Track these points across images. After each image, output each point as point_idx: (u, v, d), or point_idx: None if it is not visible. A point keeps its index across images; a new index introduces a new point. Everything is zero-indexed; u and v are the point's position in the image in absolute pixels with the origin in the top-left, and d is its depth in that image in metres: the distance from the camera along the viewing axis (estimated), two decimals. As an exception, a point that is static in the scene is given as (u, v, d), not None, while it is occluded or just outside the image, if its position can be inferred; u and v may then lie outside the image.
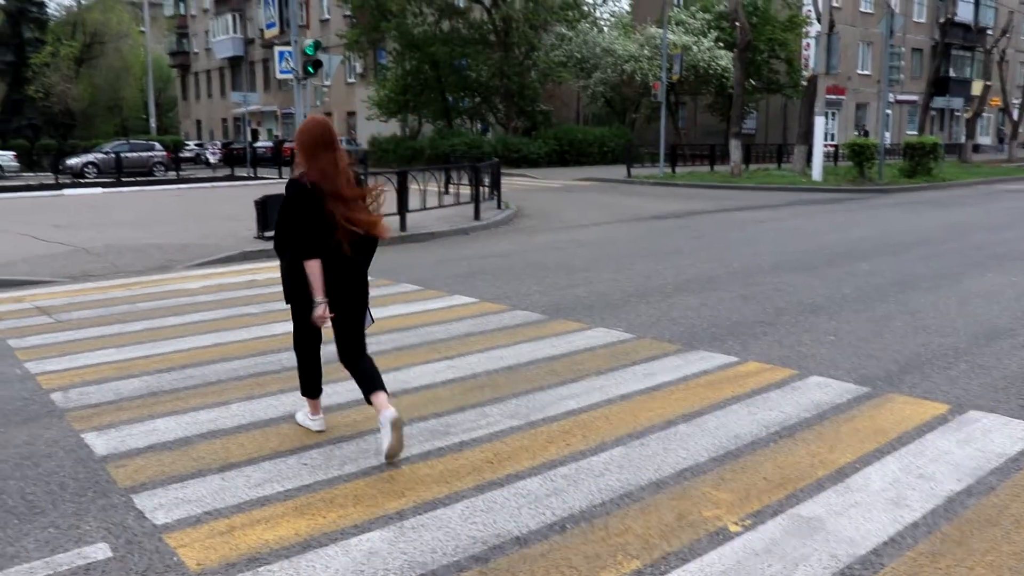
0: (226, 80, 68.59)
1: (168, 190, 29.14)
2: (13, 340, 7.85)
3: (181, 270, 11.89)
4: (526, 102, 41.16)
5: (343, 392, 6.04)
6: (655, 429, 5.23)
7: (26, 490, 4.52)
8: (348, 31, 42.50)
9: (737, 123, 30.91)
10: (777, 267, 11.19)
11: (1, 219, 18.40)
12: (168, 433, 5.30)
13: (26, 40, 49.94)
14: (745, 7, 35.47)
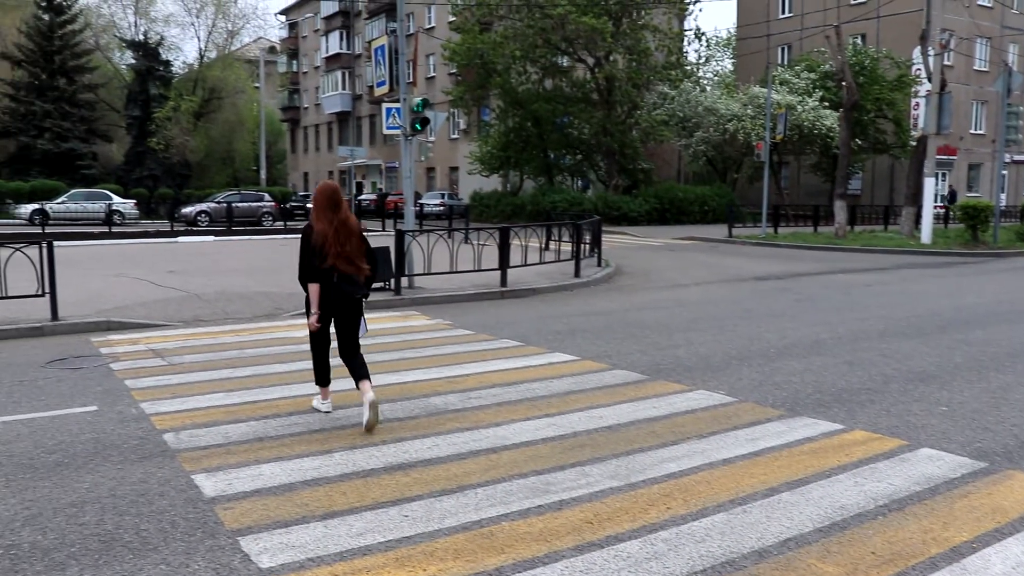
0: (333, 134, 70.87)
1: (275, 239, 30.08)
2: (130, 380, 8.19)
3: (287, 318, 12.23)
4: (627, 160, 41.27)
5: (443, 446, 6.11)
6: (757, 496, 5.12)
7: (140, 526, 4.69)
8: (453, 88, 43.50)
9: (842, 183, 30.35)
10: (884, 333, 10.87)
11: (120, 264, 19.28)
12: (273, 478, 5.43)
13: (152, 96, 52.65)
14: (852, 67, 34.98)
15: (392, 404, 7.26)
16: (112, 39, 56.30)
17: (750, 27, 50.98)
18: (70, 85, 49.80)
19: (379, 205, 43.51)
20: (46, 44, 49.08)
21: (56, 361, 9.22)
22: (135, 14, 55.56)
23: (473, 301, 14.12)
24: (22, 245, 11.79)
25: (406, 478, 5.44)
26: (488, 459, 5.82)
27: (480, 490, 5.21)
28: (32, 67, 49.09)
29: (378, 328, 11.37)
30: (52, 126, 47.89)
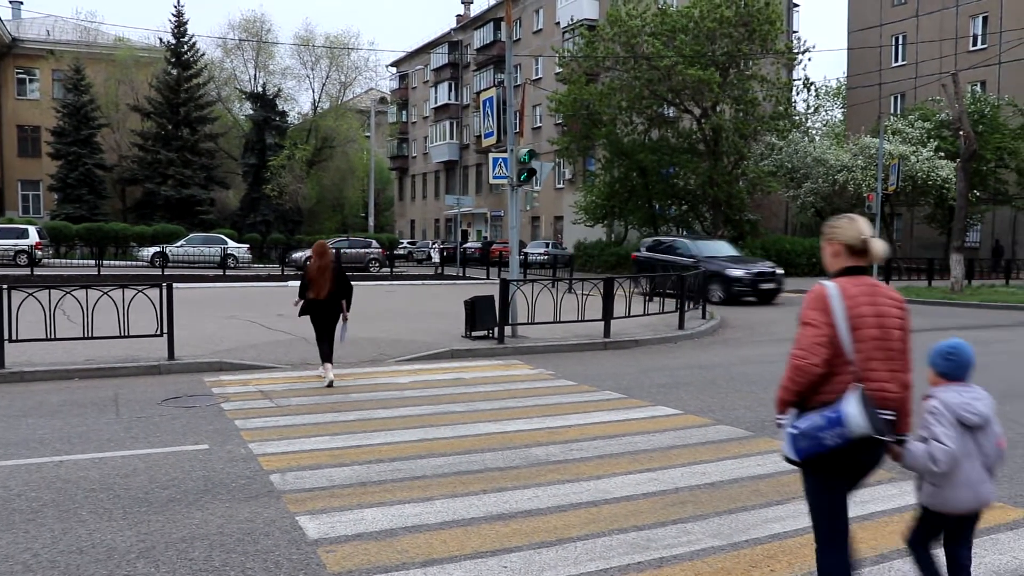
0: (440, 182, 72.24)
1: (381, 285, 30.67)
2: (239, 421, 8.45)
3: (392, 364, 12.43)
4: (733, 211, 40.75)
5: (544, 497, 6.09)
6: (866, 563, 4.92)
7: (246, 564, 4.80)
8: (559, 139, 43.89)
9: (959, 236, 29.28)
10: (1007, 394, 10.35)
11: (233, 307, 19.97)
12: (375, 523, 5.50)
13: (267, 145, 54.73)
14: (970, 115, 33.93)
15: (493, 453, 7.28)
16: (233, 91, 58.95)
17: (861, 76, 50.08)
18: (192, 135, 52.22)
19: (484, 253, 44.01)
20: (173, 97, 51.67)
21: (171, 399, 9.58)
22: (255, 67, 58.12)
23: (575, 351, 14.09)
24: (144, 287, 12.37)
25: (506, 528, 5.43)
26: (588, 512, 5.77)
27: (580, 543, 5.17)
28: (159, 118, 51.71)
29: (480, 376, 11.46)
30: (175, 173, 50.22)
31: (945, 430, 3.88)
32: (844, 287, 3.81)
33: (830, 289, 3.80)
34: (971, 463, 3.89)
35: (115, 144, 52.01)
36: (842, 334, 3.69)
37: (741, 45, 36.79)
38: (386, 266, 40.96)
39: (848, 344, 3.69)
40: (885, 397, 3.76)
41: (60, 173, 50.18)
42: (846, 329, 3.69)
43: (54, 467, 6.72)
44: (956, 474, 3.87)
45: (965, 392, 4.01)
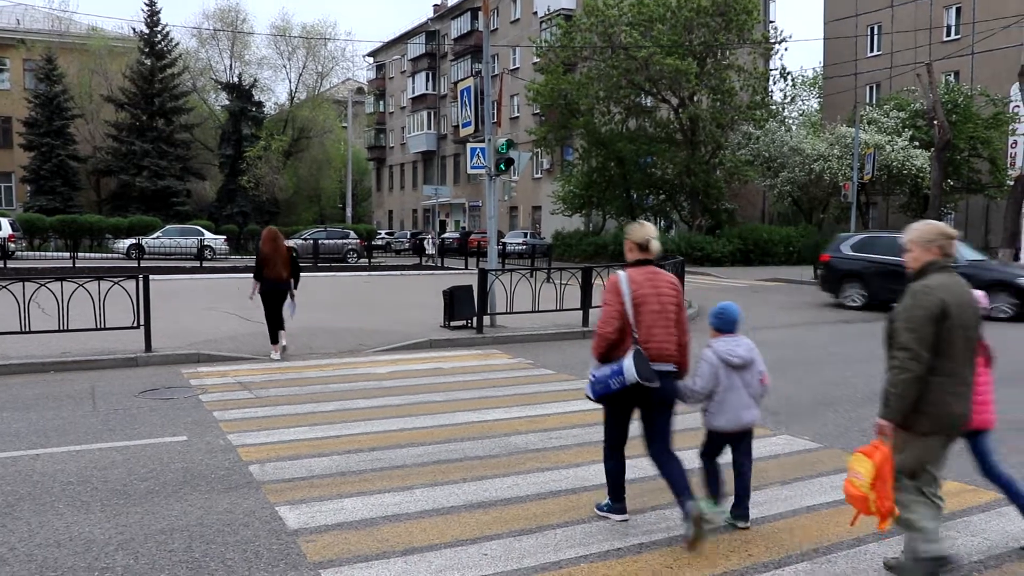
0: (418, 173, 72.05)
1: (360, 276, 30.60)
2: (218, 412, 8.42)
3: (371, 354, 12.42)
4: (711, 200, 40.93)
5: (523, 485, 6.11)
6: (843, 546, 4.99)
7: (226, 555, 4.80)
8: (537, 128, 43.89)
9: (934, 225, 29.55)
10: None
11: (211, 298, 19.85)
12: (355, 513, 5.51)
13: (244, 136, 54.29)
14: (944, 104, 34.20)
15: (473, 442, 7.30)
16: (208, 81, 58.37)
17: (837, 66, 50.33)
18: (168, 125, 51.74)
19: (462, 243, 43.97)
20: (147, 87, 51.14)
21: (149, 391, 9.53)
22: (230, 57, 57.57)
23: (555, 341, 14.12)
24: (120, 279, 12.27)
25: (486, 516, 5.46)
26: (568, 500, 5.81)
27: (560, 530, 5.20)
28: (134, 109, 51.15)
29: (459, 366, 11.48)
30: (150, 164, 49.74)
31: (706, 370, 5.27)
32: (631, 275, 5.13)
33: (621, 277, 5.11)
34: (735, 394, 5.25)
35: (89, 135, 51.43)
36: (628, 309, 5.01)
37: (718, 35, 36.92)
38: (364, 257, 40.83)
39: (632, 317, 5.01)
40: (665, 354, 5.11)
41: (33, 164, 49.58)
42: (630, 306, 5.01)
43: (30, 460, 6.68)
44: (723, 402, 5.25)
45: (731, 341, 5.37)
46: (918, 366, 4.12)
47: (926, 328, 4.14)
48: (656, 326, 5.07)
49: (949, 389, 4.23)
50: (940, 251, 4.34)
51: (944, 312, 4.16)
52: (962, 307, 4.23)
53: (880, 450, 4.22)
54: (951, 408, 4.24)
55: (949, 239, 4.37)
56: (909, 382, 4.13)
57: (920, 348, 4.13)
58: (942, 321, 4.16)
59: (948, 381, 4.22)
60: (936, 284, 4.22)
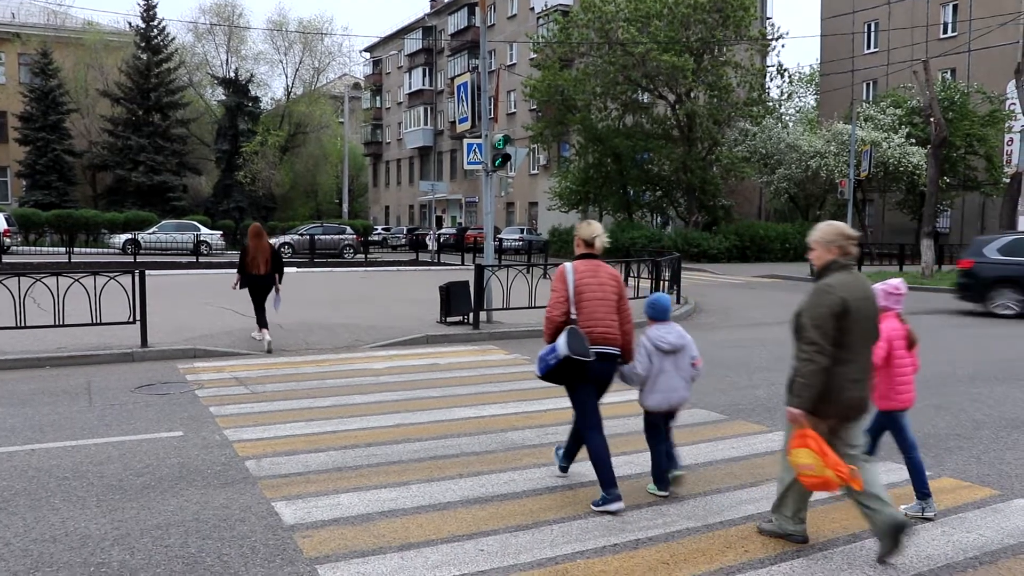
0: (415, 168, 71.95)
1: (356, 272, 30.56)
2: (214, 407, 8.41)
3: (367, 350, 12.41)
4: (707, 197, 40.95)
5: (519, 481, 6.10)
6: (839, 542, 5.00)
7: (222, 551, 4.80)
8: (534, 124, 43.85)
9: (929, 222, 29.55)
10: (975, 376, 10.51)
11: (207, 293, 19.80)
12: (351, 508, 5.50)
13: (240, 131, 54.20)
14: (941, 102, 34.21)
15: (469, 438, 7.30)
16: (204, 76, 58.27)
17: (834, 63, 50.35)
18: (164, 120, 51.65)
19: (459, 239, 43.92)
20: (143, 82, 51.04)
21: (145, 387, 9.52)
22: (227, 52, 57.48)
23: (550, 336, 14.09)
24: (116, 274, 12.25)
25: (482, 512, 5.46)
26: (564, 495, 5.81)
27: (556, 526, 5.20)
28: (130, 104, 51.06)
29: (456, 362, 11.47)
30: (146, 159, 49.67)
31: (641, 357, 5.80)
32: (576, 266, 5.74)
33: (567, 267, 5.75)
34: (667, 376, 5.80)
35: (85, 130, 51.32)
36: (571, 296, 5.60)
37: (715, 31, 36.90)
38: (360, 252, 40.79)
39: (574, 302, 5.59)
40: (608, 337, 5.61)
41: (28, 159, 49.47)
42: (573, 293, 5.60)
43: (25, 456, 6.66)
44: (656, 383, 5.81)
45: (662, 328, 5.88)
46: (823, 358, 4.55)
47: (828, 324, 4.57)
48: (597, 312, 5.62)
49: (849, 377, 4.66)
50: (840, 251, 4.75)
51: (845, 309, 4.57)
52: (860, 304, 4.64)
53: (806, 434, 4.59)
54: (851, 395, 4.68)
55: (849, 239, 4.76)
56: (815, 373, 4.56)
57: (824, 342, 4.56)
58: (843, 318, 4.58)
59: (848, 370, 4.65)
60: (837, 283, 4.65)
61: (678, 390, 5.82)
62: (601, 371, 5.60)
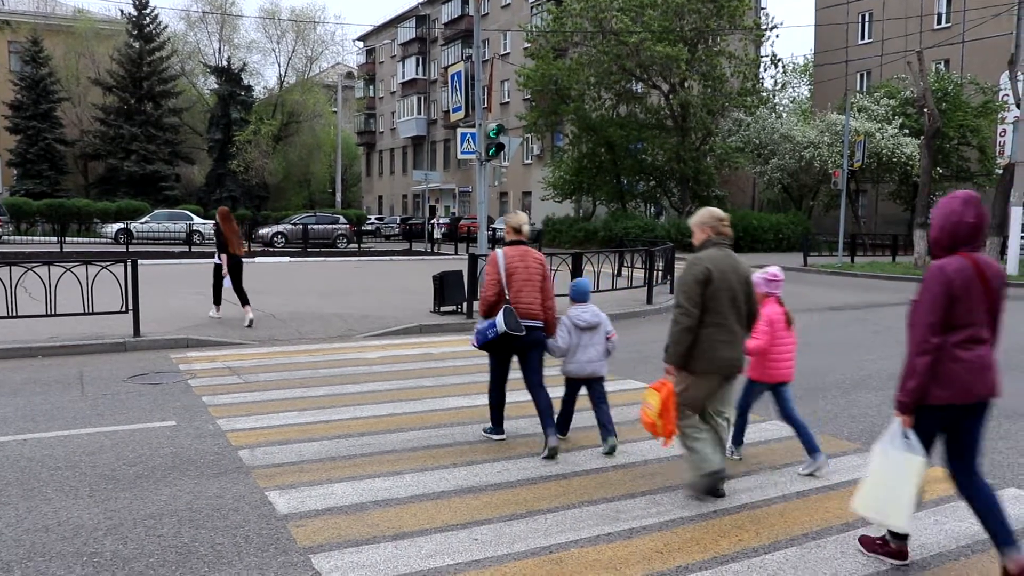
0: (408, 158, 71.82)
1: (349, 261, 30.53)
2: (207, 397, 8.39)
3: (360, 340, 12.39)
4: (701, 187, 40.91)
5: (513, 470, 6.10)
6: (832, 531, 5.01)
7: (216, 540, 4.79)
8: (527, 114, 43.78)
9: (923, 212, 29.62)
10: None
11: (199, 283, 19.73)
12: (345, 498, 5.50)
13: (233, 120, 54.04)
14: (934, 93, 34.23)
15: (463, 427, 7.30)
16: (197, 65, 58.02)
17: (828, 53, 50.33)
18: (156, 109, 51.47)
19: (452, 229, 43.85)
20: (135, 70, 50.83)
21: (137, 376, 9.49)
22: (219, 41, 57.25)
23: (544, 326, 14.09)
24: (108, 263, 12.21)
25: (476, 501, 5.46)
26: (558, 484, 5.81)
27: (550, 515, 5.20)
28: (122, 92, 50.84)
29: (449, 351, 11.46)
30: (138, 149, 49.49)
31: (562, 332, 6.68)
32: (506, 251, 6.65)
33: (498, 253, 6.64)
34: (584, 350, 6.66)
35: (76, 119, 51.09)
36: (502, 278, 6.52)
37: (709, 21, 36.83)
38: (354, 242, 40.75)
39: (505, 283, 6.52)
40: (532, 311, 6.54)
41: (19, 148, 49.23)
42: (504, 275, 6.52)
43: (18, 445, 6.64)
44: (574, 355, 6.68)
45: (580, 308, 6.73)
46: (688, 319, 5.28)
47: (694, 290, 5.30)
48: (524, 290, 6.53)
49: (718, 338, 5.35)
50: (712, 231, 5.55)
51: (708, 278, 5.30)
52: (724, 274, 5.36)
53: (666, 386, 5.42)
54: (721, 353, 5.37)
55: (720, 221, 5.58)
56: (682, 332, 5.30)
57: (689, 305, 5.29)
58: (706, 285, 5.31)
59: (716, 331, 5.34)
60: (705, 256, 5.44)
61: (594, 361, 6.69)
62: (530, 338, 6.58)
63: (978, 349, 4.24)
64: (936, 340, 4.17)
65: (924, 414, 4.30)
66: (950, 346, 4.19)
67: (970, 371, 4.21)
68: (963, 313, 4.18)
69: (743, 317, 5.52)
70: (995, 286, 4.22)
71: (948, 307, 4.16)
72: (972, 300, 4.18)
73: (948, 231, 4.25)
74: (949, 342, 4.19)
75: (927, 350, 4.17)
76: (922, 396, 4.24)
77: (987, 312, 4.25)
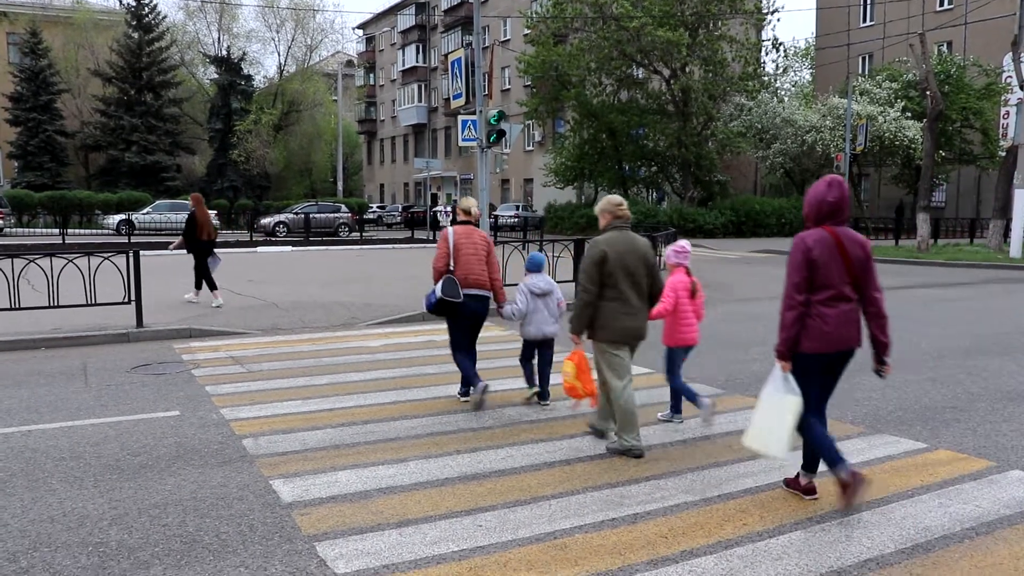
0: (409, 146, 71.69)
1: (351, 250, 30.51)
2: (210, 387, 8.40)
3: (363, 328, 12.40)
4: (703, 172, 40.84)
5: (517, 456, 6.11)
6: (837, 515, 5.00)
7: (220, 529, 4.79)
8: (528, 100, 43.65)
9: (925, 196, 29.54)
10: (970, 349, 10.53)
11: (203, 273, 19.77)
12: (349, 485, 5.50)
13: (233, 110, 53.91)
14: (937, 75, 34.09)
15: (466, 415, 7.31)
16: (196, 55, 57.89)
17: (829, 36, 50.11)
18: (156, 100, 51.37)
19: (453, 217, 43.76)
20: (135, 61, 50.71)
21: (141, 367, 9.50)
22: (218, 31, 57.07)
23: (546, 312, 14.09)
24: (111, 254, 12.20)
25: (480, 488, 5.46)
26: (562, 470, 5.81)
27: (554, 501, 5.20)
28: (121, 83, 50.74)
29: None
30: (139, 139, 49.43)
31: (520, 297, 7.56)
32: (456, 230, 7.65)
33: (448, 230, 7.68)
34: (540, 314, 7.57)
35: (76, 110, 51.01)
36: (451, 252, 7.50)
37: (710, 5, 36.67)
38: (356, 231, 40.71)
39: (453, 257, 7.49)
40: (479, 282, 7.54)
41: (20, 140, 49.18)
42: (453, 249, 7.51)
43: (22, 437, 6.65)
44: (531, 319, 7.56)
45: (536, 277, 7.65)
46: (587, 295, 6.00)
47: (592, 270, 5.97)
48: (470, 264, 7.50)
49: (619, 311, 5.99)
50: (612, 216, 6.15)
51: (604, 258, 5.93)
52: (621, 254, 5.97)
53: (576, 353, 6.34)
54: (623, 323, 6.01)
55: (617, 206, 6.17)
56: (582, 306, 6.02)
57: (588, 283, 5.99)
58: (603, 264, 5.94)
59: (617, 305, 5.98)
60: (603, 239, 6.05)
61: (548, 323, 7.57)
62: (474, 308, 7.58)
63: (842, 306, 4.92)
64: (800, 297, 4.89)
65: (799, 361, 4.99)
66: (816, 304, 4.91)
67: (834, 325, 4.89)
68: (823, 276, 4.88)
69: (644, 291, 6.11)
70: (853, 254, 4.90)
71: (809, 270, 4.88)
72: (831, 265, 4.87)
73: (814, 208, 4.97)
74: (814, 300, 4.91)
75: (792, 306, 4.91)
76: (794, 345, 4.95)
77: (848, 275, 4.92)
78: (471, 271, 7.48)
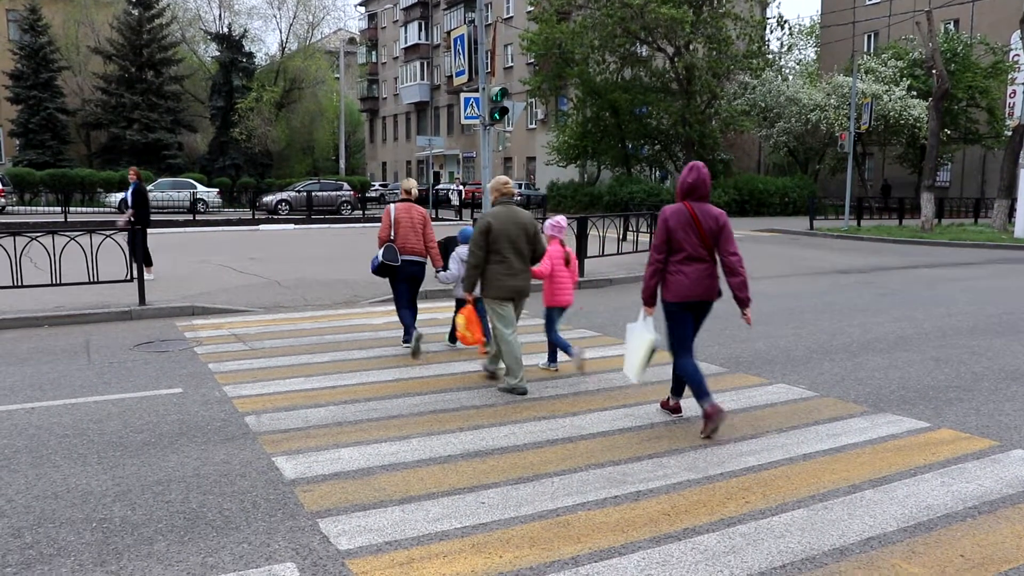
0: (412, 124, 71.49)
1: (354, 228, 30.49)
2: (213, 364, 8.40)
3: (366, 305, 12.39)
4: (706, 151, 40.64)
5: (520, 434, 6.11)
6: (839, 493, 5.01)
7: (223, 506, 4.80)
8: (531, 78, 43.43)
9: (930, 175, 29.43)
10: (974, 329, 10.52)
11: (204, 251, 19.78)
12: (352, 462, 5.51)
13: (235, 87, 53.65)
14: (943, 53, 33.90)
15: (469, 392, 7.31)
16: (197, 32, 57.56)
17: (835, 14, 49.81)
18: (157, 77, 51.15)
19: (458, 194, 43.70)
20: (135, 38, 50.46)
21: (143, 344, 9.51)
22: (219, 7, 56.71)
23: (549, 291, 14.07)
24: (113, 232, 12.19)
25: (483, 465, 5.46)
26: (565, 448, 5.82)
27: (557, 479, 5.21)
28: (122, 61, 50.49)
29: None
30: (140, 117, 49.26)
31: (453, 264, 8.59)
32: (397, 207, 8.94)
33: (391, 207, 8.96)
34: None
35: (77, 88, 50.80)
36: (392, 224, 8.83)
37: (715, -18, 36.38)
38: (358, 209, 40.66)
39: (393, 229, 8.83)
40: (416, 251, 8.88)
41: (21, 118, 48.98)
42: (393, 222, 8.83)
43: (25, 414, 6.66)
44: (459, 283, 8.28)
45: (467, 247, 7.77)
46: (474, 259, 7.11)
47: (479, 239, 7.08)
48: (407, 235, 8.85)
49: (502, 272, 7.13)
50: (499, 193, 7.35)
51: (488, 228, 7.08)
52: (503, 225, 7.10)
53: (467, 308, 7.49)
54: (505, 283, 7.14)
55: (504, 185, 7.39)
56: (469, 269, 7.18)
57: (475, 249, 7.10)
58: (487, 234, 7.08)
59: (500, 267, 7.12)
60: (490, 213, 7.23)
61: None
62: (410, 271, 8.92)
63: (697, 265, 6.00)
64: (659, 256, 6.06)
65: (667, 308, 6.16)
66: (675, 263, 6.02)
67: (691, 280, 6.00)
68: (679, 241, 5.97)
69: (526, 256, 7.28)
70: (706, 226, 5.96)
71: (667, 236, 6.00)
72: (686, 232, 5.96)
73: (678, 188, 6.12)
74: (673, 260, 6.03)
75: (652, 263, 6.11)
76: (653, 295, 6.18)
77: (703, 241, 5.98)
78: (408, 241, 8.85)
